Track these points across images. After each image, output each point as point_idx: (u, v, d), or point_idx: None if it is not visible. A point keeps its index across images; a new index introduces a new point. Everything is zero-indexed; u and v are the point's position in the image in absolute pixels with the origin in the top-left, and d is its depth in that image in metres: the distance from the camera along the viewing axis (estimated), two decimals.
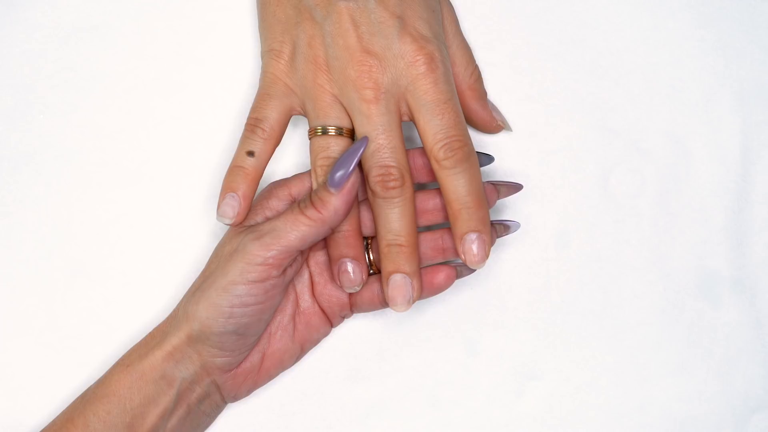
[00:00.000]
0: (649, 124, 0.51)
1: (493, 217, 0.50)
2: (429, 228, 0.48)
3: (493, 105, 0.50)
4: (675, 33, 0.52)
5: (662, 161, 0.51)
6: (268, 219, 0.44)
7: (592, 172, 0.51)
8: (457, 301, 0.50)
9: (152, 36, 0.51)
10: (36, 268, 0.49)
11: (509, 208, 0.50)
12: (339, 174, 0.42)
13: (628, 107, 0.51)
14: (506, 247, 0.50)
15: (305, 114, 0.45)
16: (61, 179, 0.50)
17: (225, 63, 0.51)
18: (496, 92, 0.51)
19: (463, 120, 0.44)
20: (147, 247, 0.49)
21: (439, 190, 0.46)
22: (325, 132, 0.44)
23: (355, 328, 0.50)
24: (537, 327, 0.50)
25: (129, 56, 0.51)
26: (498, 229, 0.46)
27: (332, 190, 0.42)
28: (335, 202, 0.42)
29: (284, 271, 0.43)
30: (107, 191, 0.50)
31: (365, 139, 0.43)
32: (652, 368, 0.49)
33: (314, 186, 0.45)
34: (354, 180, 0.43)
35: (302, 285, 0.47)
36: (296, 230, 0.42)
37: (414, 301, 0.44)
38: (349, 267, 0.45)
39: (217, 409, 0.47)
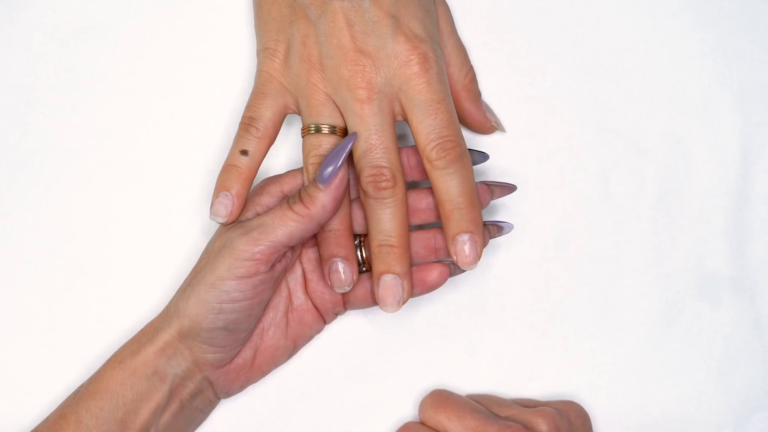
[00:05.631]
0: (649, 124, 0.51)
1: (488, 218, 0.50)
2: (422, 227, 0.48)
3: (487, 106, 0.50)
4: (675, 33, 0.52)
5: (662, 161, 0.51)
6: (258, 215, 0.44)
7: (592, 172, 0.51)
8: (457, 301, 0.50)
9: (151, 36, 0.51)
10: (36, 268, 0.49)
11: (509, 208, 0.50)
12: (328, 170, 0.42)
13: (628, 107, 0.51)
14: (506, 247, 0.50)
15: (299, 112, 0.45)
16: (61, 179, 0.50)
17: (225, 62, 0.51)
18: (496, 92, 0.51)
19: (457, 120, 0.44)
20: (147, 246, 0.50)
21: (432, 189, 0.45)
22: (318, 130, 0.44)
23: (356, 328, 0.50)
24: (537, 327, 0.50)
25: (129, 56, 0.51)
26: (491, 230, 0.46)
27: (321, 185, 0.42)
28: (323, 198, 0.42)
29: (273, 266, 0.43)
30: (107, 191, 0.50)
31: (354, 134, 0.43)
32: (652, 368, 0.49)
33: (305, 183, 0.44)
34: (342, 176, 0.43)
35: (295, 282, 0.47)
36: (284, 226, 0.42)
37: (404, 302, 0.44)
38: (340, 267, 0.45)
39: (210, 405, 0.47)
